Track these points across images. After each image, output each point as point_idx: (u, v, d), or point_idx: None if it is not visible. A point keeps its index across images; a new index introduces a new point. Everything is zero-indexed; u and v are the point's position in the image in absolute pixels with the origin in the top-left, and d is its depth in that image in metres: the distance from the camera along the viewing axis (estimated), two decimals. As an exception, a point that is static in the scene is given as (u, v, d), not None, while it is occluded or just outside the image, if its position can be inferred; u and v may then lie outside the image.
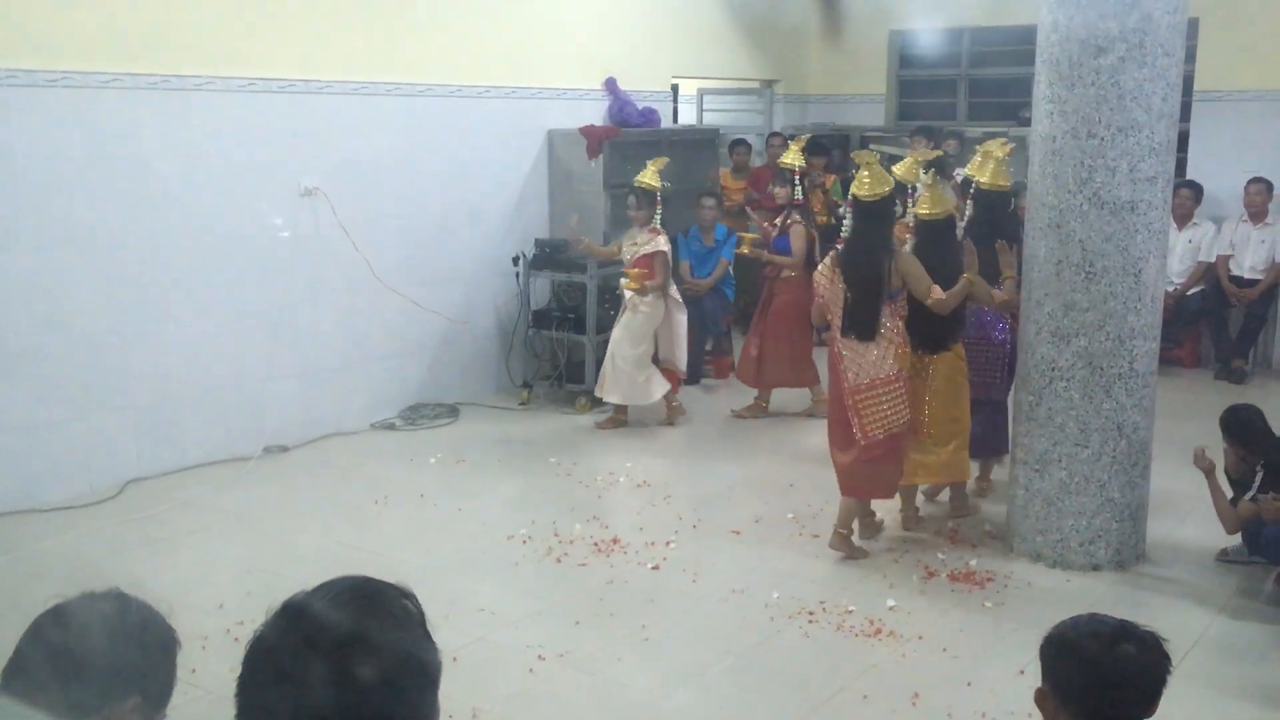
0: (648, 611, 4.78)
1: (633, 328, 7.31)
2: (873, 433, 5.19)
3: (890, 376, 5.18)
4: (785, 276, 7.51)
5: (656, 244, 7.27)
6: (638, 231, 7.37)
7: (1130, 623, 2.31)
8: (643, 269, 7.23)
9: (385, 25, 7.26)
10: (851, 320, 5.24)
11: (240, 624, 4.46)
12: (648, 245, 7.28)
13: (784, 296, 7.54)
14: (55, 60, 5.75)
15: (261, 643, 1.37)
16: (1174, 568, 5.25)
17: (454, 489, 6.37)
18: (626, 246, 7.42)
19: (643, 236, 7.32)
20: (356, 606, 1.39)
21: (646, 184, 7.31)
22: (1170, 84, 4.87)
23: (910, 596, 4.91)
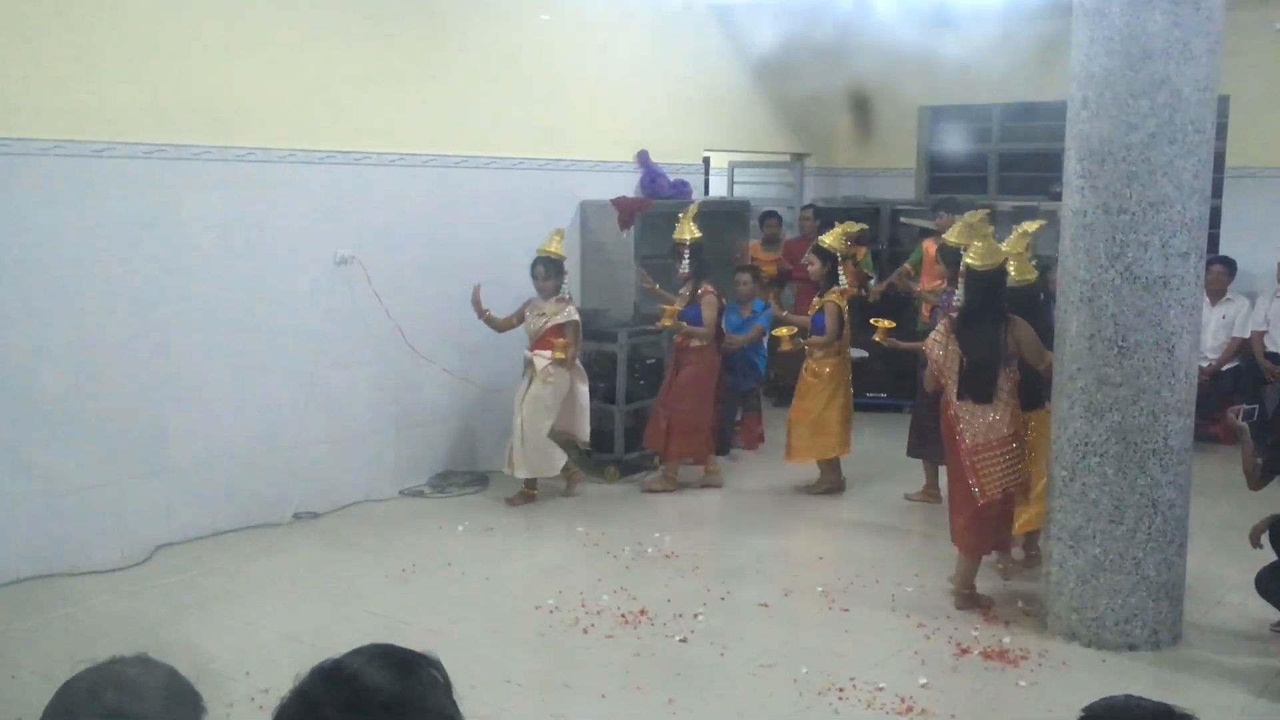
0: (675, 685, 4.72)
1: (544, 399, 7.17)
2: (990, 492, 5.44)
3: (1007, 437, 5.48)
4: (696, 345, 7.48)
5: (569, 313, 7.19)
6: (542, 301, 7.23)
7: (1169, 705, 2.25)
8: (562, 340, 7.14)
9: (422, 98, 7.41)
10: (968, 385, 5.50)
11: (265, 691, 4.45)
12: (560, 315, 7.17)
13: (691, 367, 7.55)
14: (100, 131, 5.89)
15: (287, 710, 1.37)
16: (1212, 649, 5.14)
17: (482, 557, 6.35)
18: (531, 316, 7.26)
19: (551, 306, 7.20)
20: (383, 675, 1.39)
21: (553, 253, 7.21)
22: (1201, 160, 4.88)
23: (943, 674, 4.83)
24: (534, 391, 7.17)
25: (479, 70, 7.75)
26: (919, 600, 5.66)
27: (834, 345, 7.42)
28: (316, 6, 6.83)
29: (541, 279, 7.20)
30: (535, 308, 7.26)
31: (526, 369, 7.24)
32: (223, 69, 6.35)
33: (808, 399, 7.46)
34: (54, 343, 5.78)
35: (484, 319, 7.21)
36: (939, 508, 7.27)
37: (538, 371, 7.13)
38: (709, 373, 7.60)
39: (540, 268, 7.20)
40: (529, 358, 7.22)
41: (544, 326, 7.15)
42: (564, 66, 8.30)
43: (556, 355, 7.13)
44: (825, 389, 7.44)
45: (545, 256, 7.21)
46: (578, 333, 7.27)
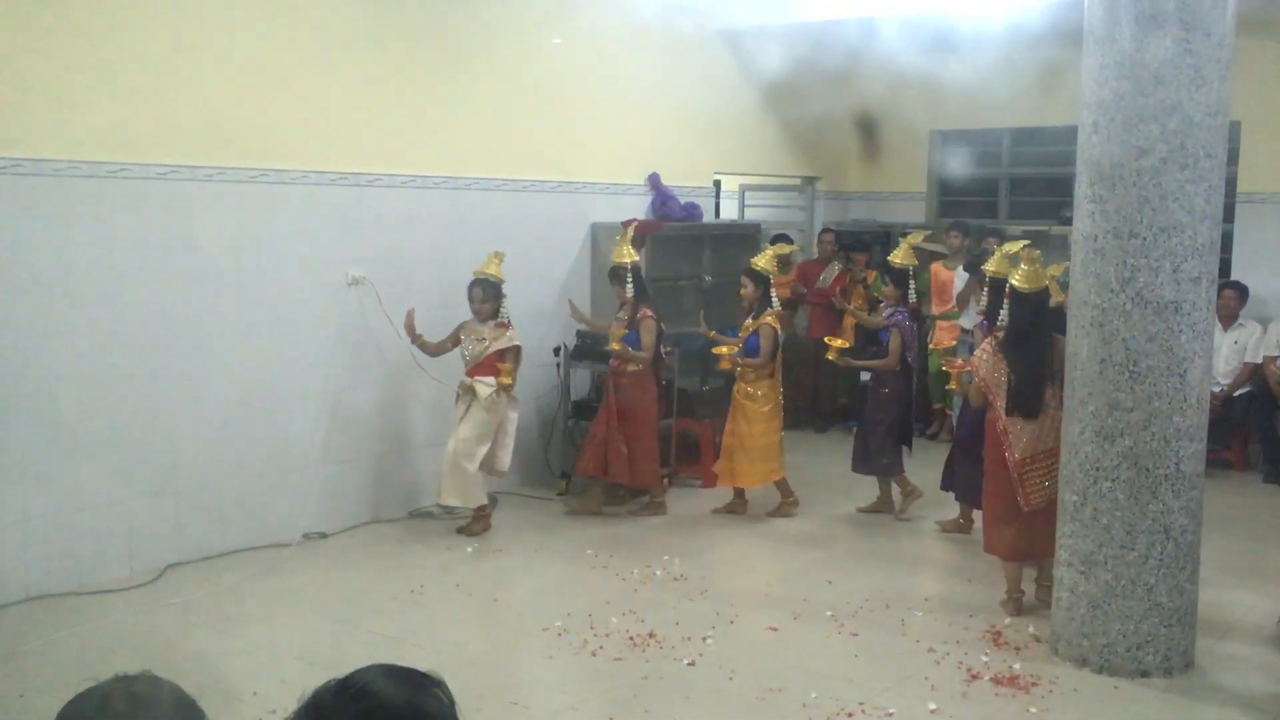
0: (683, 709, 4.70)
1: (481, 426, 6.94)
2: (1035, 501, 5.66)
3: (1051, 449, 5.60)
4: (633, 370, 7.38)
5: (510, 338, 6.99)
6: (479, 324, 7.00)
7: None
8: (508, 365, 6.97)
9: (434, 121, 7.45)
10: (1017, 401, 5.71)
11: (273, 712, 4.45)
12: (500, 340, 6.96)
13: (627, 393, 7.43)
14: (115, 153, 5.93)
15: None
16: (1224, 676, 5.10)
17: (490, 579, 6.34)
18: (469, 340, 7.01)
19: (490, 330, 6.98)
20: (388, 695, 1.39)
21: (492, 275, 6.98)
22: (1212, 186, 4.88)
23: (952, 700, 4.80)
24: (474, 418, 6.92)
25: (491, 93, 7.79)
26: (929, 625, 5.63)
27: (768, 367, 7.42)
28: (330, 30, 6.88)
29: (479, 301, 6.98)
30: (472, 331, 7.02)
31: (465, 394, 6.97)
32: (237, 91, 6.40)
33: (743, 422, 7.42)
34: (67, 361, 5.81)
35: (416, 344, 6.96)
36: (954, 535, 7.24)
37: (480, 398, 6.89)
38: (648, 398, 7.49)
39: (478, 290, 6.97)
40: (467, 383, 6.95)
41: (485, 351, 6.93)
42: (576, 90, 8.34)
43: (504, 382, 6.91)
44: (764, 413, 7.42)
45: (484, 279, 7.00)
46: (519, 358, 7.08)
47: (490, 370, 6.92)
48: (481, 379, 6.91)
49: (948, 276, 9.63)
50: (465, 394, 6.97)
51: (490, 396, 6.89)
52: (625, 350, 7.32)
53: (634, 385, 7.45)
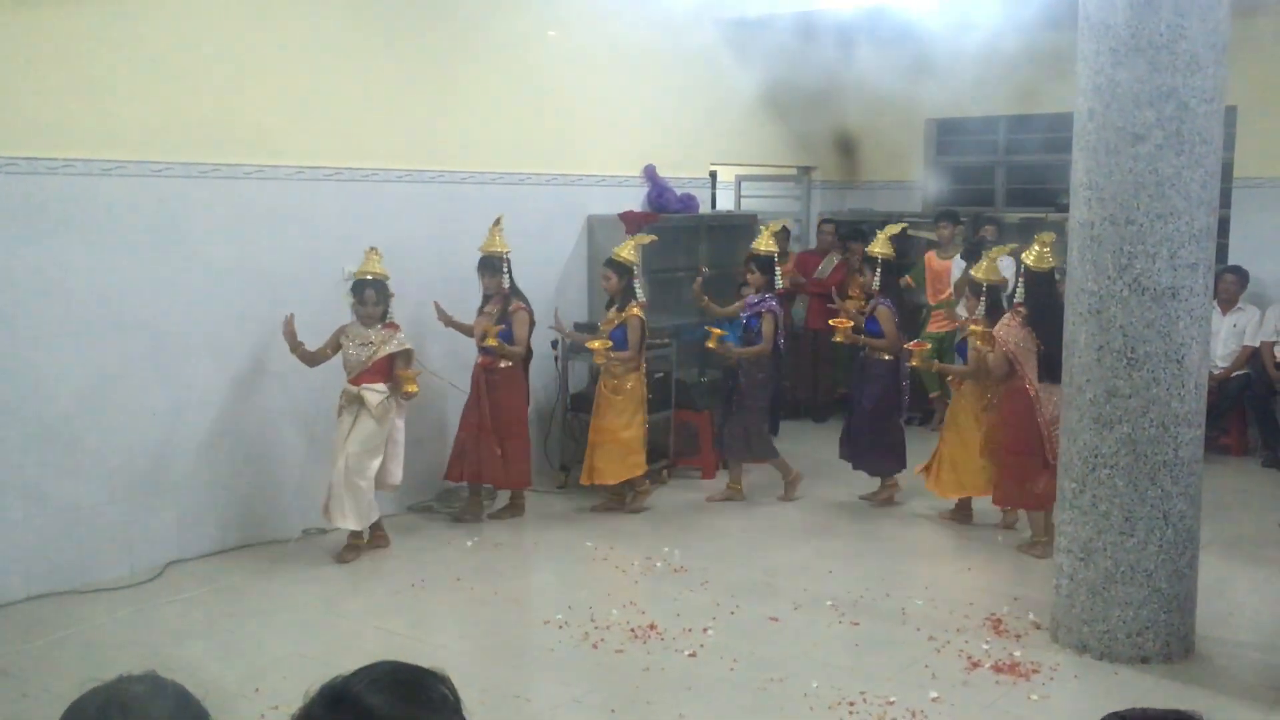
0: (685, 700, 4.71)
1: (372, 438, 6.37)
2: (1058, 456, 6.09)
3: None
4: (505, 366, 7.07)
5: (400, 341, 6.47)
6: (364, 328, 6.42)
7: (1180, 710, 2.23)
8: (413, 371, 6.51)
9: (429, 115, 7.43)
10: (1048, 368, 6.26)
11: (276, 708, 4.45)
12: (391, 343, 6.43)
13: (500, 391, 7.10)
14: (109, 150, 5.92)
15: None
16: (1225, 661, 5.12)
17: (490, 572, 6.34)
18: (353, 345, 6.41)
19: (377, 334, 6.42)
20: (392, 692, 1.39)
21: (379, 274, 6.47)
22: (1209, 171, 4.88)
23: (953, 688, 4.81)
24: (363, 431, 6.35)
25: (486, 87, 7.78)
26: (929, 614, 5.64)
27: (635, 360, 7.31)
28: (324, 25, 6.86)
29: (371, 304, 6.40)
30: (356, 336, 6.43)
31: (350, 405, 6.39)
32: (231, 87, 6.39)
33: (608, 417, 7.29)
34: (64, 360, 5.80)
35: (296, 354, 6.34)
36: (950, 526, 7.25)
37: (371, 407, 6.33)
38: (520, 395, 7.23)
39: (371, 292, 6.38)
40: (354, 392, 6.37)
41: (373, 356, 6.36)
42: (571, 82, 8.33)
43: (410, 389, 6.45)
44: (628, 406, 7.31)
45: (376, 279, 6.42)
46: (410, 362, 6.56)
47: (380, 376, 6.40)
48: (370, 386, 6.36)
49: (942, 266, 9.63)
50: (351, 404, 6.39)
51: (381, 405, 6.36)
52: (503, 346, 6.98)
53: (506, 382, 7.13)
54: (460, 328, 7.18)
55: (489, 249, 7.09)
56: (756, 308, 7.54)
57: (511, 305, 7.09)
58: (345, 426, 6.39)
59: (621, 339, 7.28)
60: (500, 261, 7.07)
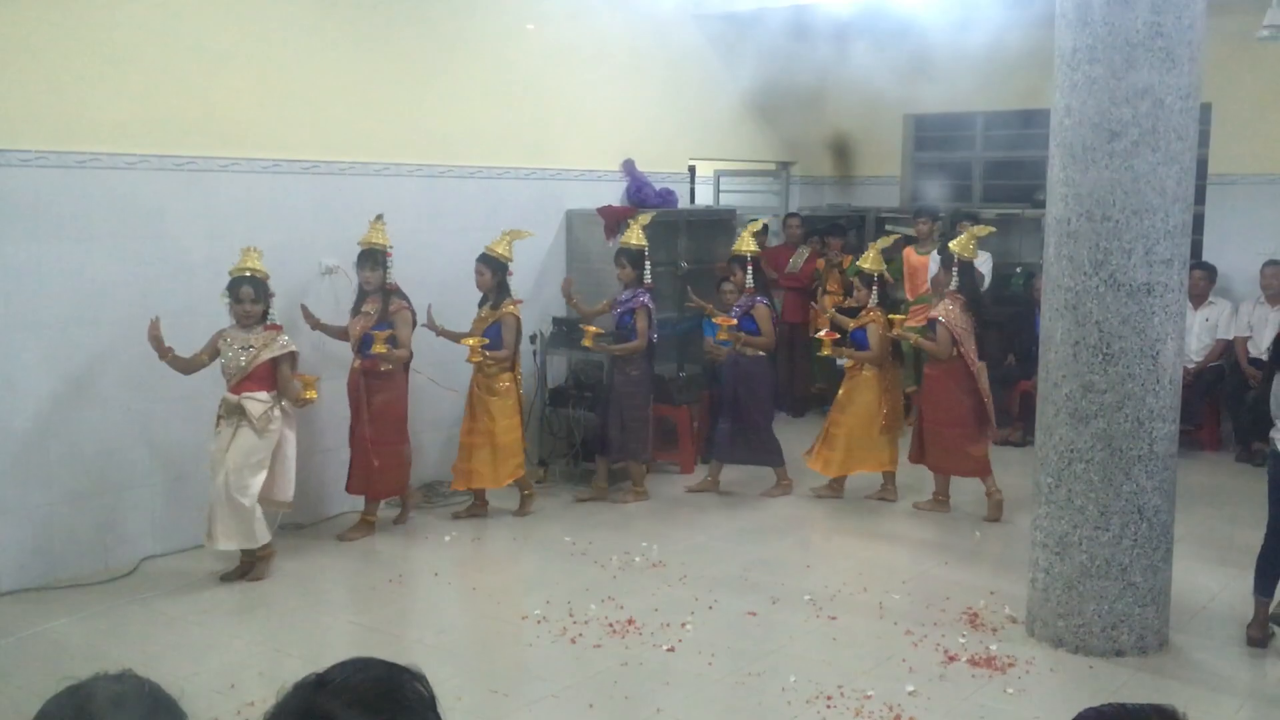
0: (663, 694, 4.71)
1: (255, 451, 5.84)
2: None
3: None
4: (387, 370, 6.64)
5: (285, 343, 5.97)
6: (243, 331, 5.91)
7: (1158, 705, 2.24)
8: (313, 377, 6.16)
9: (407, 108, 7.40)
10: (982, 348, 7.17)
11: (251, 704, 4.43)
12: (274, 347, 5.91)
13: (381, 395, 6.68)
14: (84, 142, 5.88)
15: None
16: (1199, 654, 5.16)
17: (468, 568, 6.33)
18: (231, 350, 5.87)
19: (258, 336, 5.90)
20: (368, 691, 1.39)
21: (259, 270, 5.95)
22: (1184, 168, 4.91)
23: (930, 682, 4.83)
24: (244, 443, 5.81)
25: (464, 80, 7.75)
26: (906, 608, 5.67)
27: (509, 360, 7.10)
28: (300, 18, 6.82)
29: (250, 302, 5.87)
30: (234, 339, 5.90)
31: (229, 415, 5.87)
32: (205, 80, 6.34)
33: (484, 419, 7.04)
34: (39, 353, 5.76)
35: (166, 360, 5.80)
36: (929, 516, 7.28)
37: (253, 418, 5.82)
38: (401, 399, 6.79)
39: (249, 289, 5.87)
40: (234, 402, 5.84)
41: (255, 361, 5.84)
42: (550, 76, 8.31)
43: (308, 395, 6.06)
44: (505, 407, 7.09)
45: (254, 276, 5.92)
46: (296, 366, 6.09)
47: (263, 383, 5.91)
48: (252, 395, 5.85)
49: (919, 261, 9.66)
50: (230, 415, 5.87)
51: (264, 415, 5.85)
52: (390, 351, 6.54)
53: (387, 387, 6.68)
54: (330, 330, 6.69)
55: (371, 241, 6.60)
56: (629, 304, 7.44)
57: (393, 304, 6.62)
58: (224, 439, 5.83)
59: (497, 337, 6.99)
60: (383, 255, 6.62)
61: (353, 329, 6.64)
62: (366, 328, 6.58)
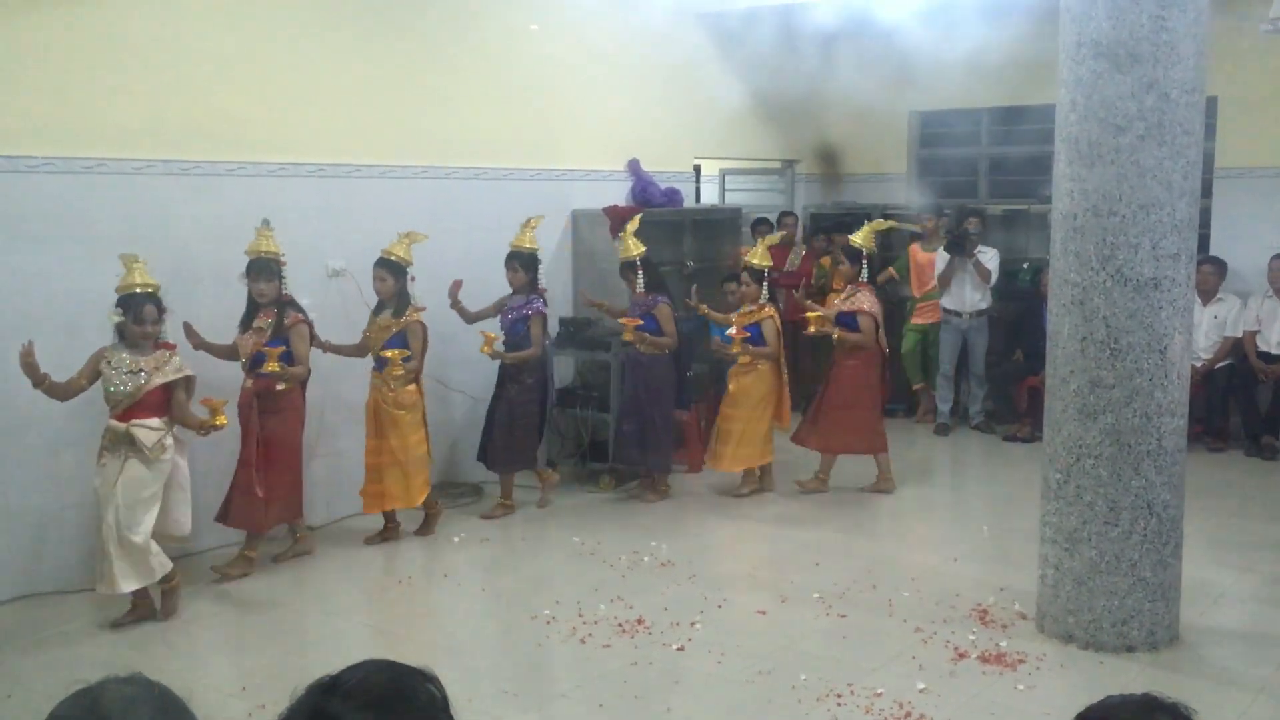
0: (673, 694, 4.71)
1: (144, 485, 5.32)
2: None
3: None
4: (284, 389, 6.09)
5: (179, 366, 5.45)
6: (134, 352, 5.37)
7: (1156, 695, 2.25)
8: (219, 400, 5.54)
9: (412, 110, 7.41)
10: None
11: (262, 707, 4.44)
12: (168, 369, 5.40)
13: (280, 415, 6.14)
14: (91, 148, 5.90)
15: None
16: (1210, 649, 5.15)
17: (478, 568, 6.34)
18: (116, 373, 5.33)
19: (149, 359, 5.38)
20: (381, 692, 1.39)
21: (151, 285, 5.45)
22: (1190, 162, 4.90)
23: (941, 679, 4.83)
24: (133, 476, 5.29)
25: (469, 81, 7.76)
26: (916, 605, 5.66)
27: (417, 371, 6.68)
28: (305, 21, 6.83)
29: (152, 322, 5.39)
30: (119, 361, 5.36)
31: (115, 446, 5.33)
32: (211, 85, 6.36)
33: (393, 437, 6.60)
34: (48, 358, 5.74)
35: (42, 388, 5.32)
36: (929, 513, 7.28)
37: (143, 447, 5.29)
38: (297, 420, 6.29)
39: (152, 308, 5.39)
40: (121, 431, 5.29)
41: (144, 387, 5.32)
42: (554, 77, 8.31)
43: (217, 422, 5.48)
44: (414, 421, 6.67)
45: (146, 292, 5.41)
46: (193, 390, 5.56)
47: (154, 410, 5.35)
48: (143, 423, 5.31)
49: (926, 258, 9.67)
50: (116, 446, 5.32)
51: (157, 445, 5.33)
52: (284, 369, 6.01)
53: (282, 408, 6.14)
54: (216, 350, 6.12)
55: (261, 250, 6.09)
56: (522, 310, 7.17)
57: (288, 317, 6.12)
58: (111, 473, 5.29)
59: (402, 346, 6.54)
60: (276, 265, 6.10)
61: (243, 346, 6.11)
62: (259, 344, 6.04)
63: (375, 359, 6.62)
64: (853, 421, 7.60)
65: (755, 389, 7.58)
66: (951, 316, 9.45)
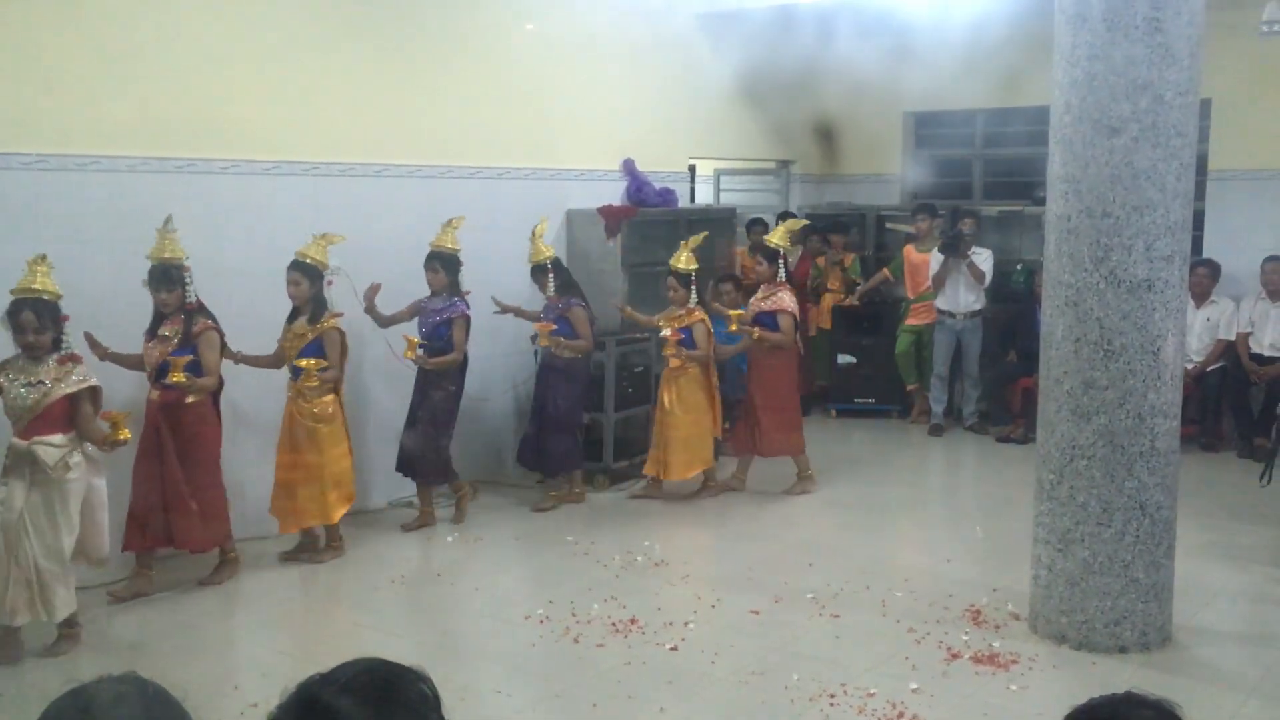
0: (666, 694, 4.71)
1: (58, 508, 4.98)
2: None
3: None
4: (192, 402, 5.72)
5: (83, 375, 5.13)
6: (31, 362, 5.04)
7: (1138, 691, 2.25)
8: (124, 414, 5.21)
9: (406, 109, 7.41)
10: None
11: (255, 705, 4.44)
12: (68, 381, 5.06)
13: (193, 429, 5.77)
14: (85, 145, 5.89)
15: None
16: (1202, 650, 5.16)
17: (471, 568, 6.34)
18: (16, 388, 5.00)
19: (51, 369, 5.06)
20: (373, 691, 1.39)
21: (46, 292, 5.10)
22: (1184, 164, 4.91)
23: (933, 679, 4.83)
24: (41, 499, 4.96)
25: (464, 81, 7.76)
26: (909, 606, 5.67)
27: (337, 379, 6.32)
28: (299, 19, 6.83)
29: (33, 331, 5.01)
30: (18, 374, 5.04)
31: (18, 466, 4.97)
32: (207, 82, 6.35)
33: (311, 453, 6.22)
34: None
35: None
36: (928, 511, 7.29)
37: (47, 466, 4.93)
38: (212, 434, 5.89)
39: (30, 315, 5.00)
40: (22, 449, 4.93)
41: (44, 401, 4.98)
42: (549, 76, 8.31)
43: (120, 436, 5.14)
44: (334, 433, 6.31)
45: (36, 298, 5.05)
46: (99, 402, 5.20)
47: (58, 425, 5.01)
48: (45, 439, 4.96)
49: (920, 259, 9.68)
50: (18, 466, 4.96)
51: (61, 463, 4.96)
52: (190, 380, 5.65)
53: (195, 420, 5.76)
54: (124, 360, 5.79)
55: (165, 255, 5.70)
56: (444, 313, 6.87)
57: (196, 325, 5.75)
58: (16, 497, 4.93)
59: (318, 354, 6.20)
60: (178, 271, 5.72)
61: (148, 356, 5.73)
62: (165, 353, 5.68)
63: (290, 368, 6.26)
64: (774, 423, 7.60)
65: (690, 393, 7.50)
66: (946, 317, 9.47)
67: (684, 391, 7.51)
